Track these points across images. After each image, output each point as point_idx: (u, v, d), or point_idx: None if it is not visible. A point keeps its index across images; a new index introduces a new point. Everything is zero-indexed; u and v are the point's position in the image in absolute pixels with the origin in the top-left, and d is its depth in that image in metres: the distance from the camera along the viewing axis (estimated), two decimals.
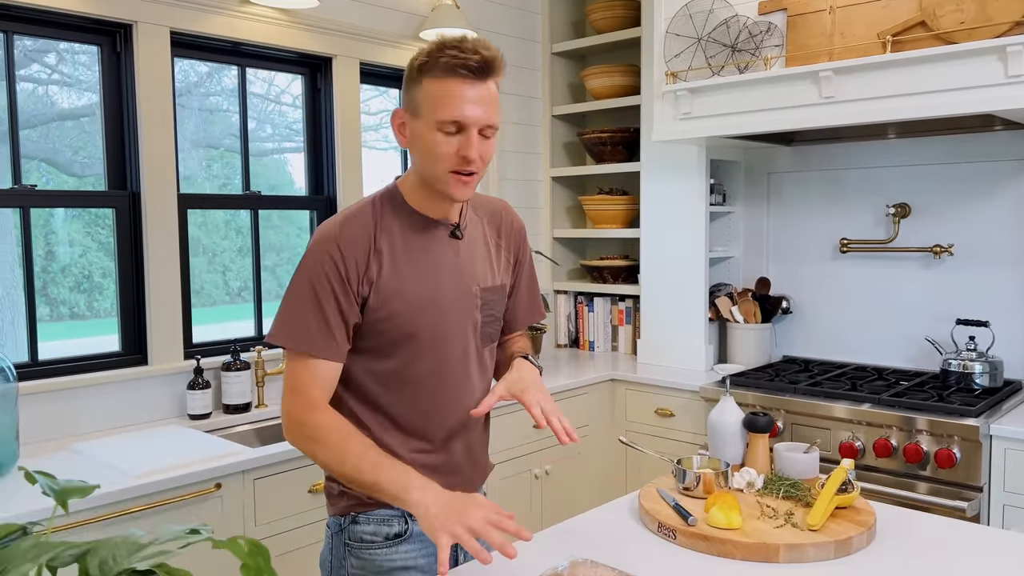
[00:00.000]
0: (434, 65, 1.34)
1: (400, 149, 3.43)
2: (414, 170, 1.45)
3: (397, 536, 1.48)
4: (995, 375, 2.71)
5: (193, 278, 2.82)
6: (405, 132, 1.42)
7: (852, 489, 1.56)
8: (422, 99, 1.36)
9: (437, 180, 1.39)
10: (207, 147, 2.91)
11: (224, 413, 2.64)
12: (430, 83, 1.35)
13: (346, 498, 1.49)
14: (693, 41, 2.87)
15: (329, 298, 1.38)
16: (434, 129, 1.35)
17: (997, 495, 2.38)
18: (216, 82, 2.90)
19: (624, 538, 1.54)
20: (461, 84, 1.33)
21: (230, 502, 2.13)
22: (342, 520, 1.50)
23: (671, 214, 3.36)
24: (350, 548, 1.49)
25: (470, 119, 1.34)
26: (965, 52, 2.28)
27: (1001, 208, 2.86)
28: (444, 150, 1.36)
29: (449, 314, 1.48)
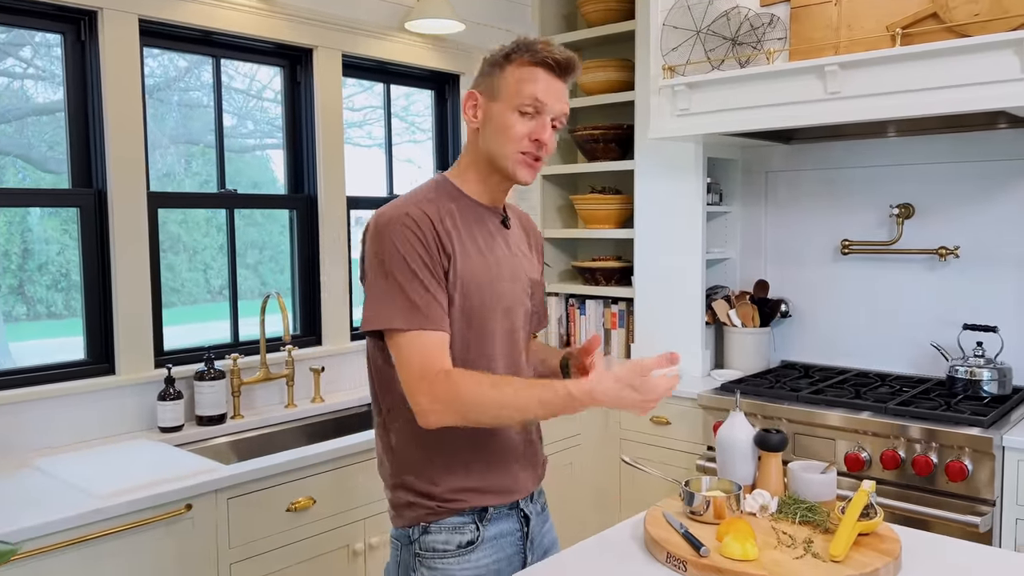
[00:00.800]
0: (522, 54, 1.46)
1: (385, 147, 3.28)
2: (471, 156, 1.53)
3: (469, 544, 1.49)
4: (1004, 382, 2.61)
5: (173, 277, 2.70)
6: (477, 113, 1.50)
7: (875, 514, 1.45)
8: (504, 83, 1.47)
9: (504, 159, 1.48)
10: (187, 143, 2.77)
11: (197, 425, 2.49)
12: (515, 69, 1.46)
13: (416, 508, 1.49)
14: (692, 34, 2.74)
15: (424, 270, 1.40)
16: (513, 110, 1.45)
17: (1010, 509, 2.28)
18: (195, 77, 2.77)
19: (629, 570, 1.41)
20: (545, 74, 1.46)
21: (202, 524, 1.98)
22: (411, 531, 1.50)
23: (666, 214, 3.24)
24: (421, 558, 1.48)
25: (548, 104, 1.46)
26: (979, 46, 2.17)
27: (1009, 208, 2.75)
28: (519, 131, 1.45)
29: (508, 297, 1.53)
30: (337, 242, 2.96)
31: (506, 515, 1.54)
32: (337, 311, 2.97)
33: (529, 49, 1.46)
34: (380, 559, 2.38)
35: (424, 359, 1.37)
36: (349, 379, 3.00)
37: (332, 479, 2.26)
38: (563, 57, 1.47)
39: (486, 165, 1.51)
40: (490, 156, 1.49)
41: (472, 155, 1.53)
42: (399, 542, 1.53)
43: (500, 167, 1.49)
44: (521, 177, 1.49)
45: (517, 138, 1.46)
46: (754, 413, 2.69)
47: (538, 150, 1.47)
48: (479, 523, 1.50)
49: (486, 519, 1.51)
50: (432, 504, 1.47)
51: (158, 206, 2.55)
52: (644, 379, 1.33)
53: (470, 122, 1.51)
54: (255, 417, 2.61)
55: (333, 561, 2.27)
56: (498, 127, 1.47)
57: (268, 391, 2.75)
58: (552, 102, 1.46)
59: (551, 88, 1.46)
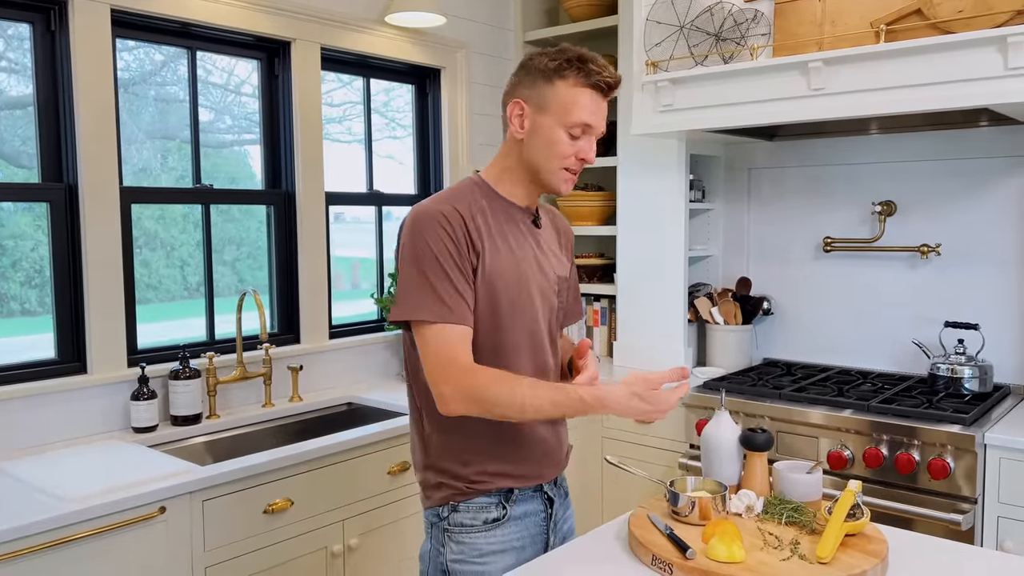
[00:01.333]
0: (573, 73, 1.49)
1: (365, 143, 3.23)
2: (511, 160, 1.56)
3: (496, 520, 1.55)
4: (985, 380, 2.61)
5: (150, 273, 2.66)
6: (524, 123, 1.53)
7: (862, 515, 1.43)
8: (555, 99, 1.50)
9: (548, 173, 1.53)
10: (163, 138, 2.71)
11: (172, 425, 2.44)
12: (568, 88, 1.49)
13: (444, 488, 1.55)
14: (675, 29, 2.72)
15: (452, 266, 1.45)
16: (562, 128, 1.50)
17: (991, 507, 2.28)
18: (171, 71, 2.71)
19: (615, 573, 1.39)
20: (596, 96, 1.51)
21: (176, 526, 1.93)
22: (440, 510, 1.56)
23: (649, 211, 3.22)
24: (449, 534, 1.55)
25: (595, 127, 1.52)
26: (963, 42, 2.16)
27: (990, 206, 2.76)
28: (566, 149, 1.51)
29: (536, 295, 1.57)
30: (316, 238, 2.91)
31: (531, 496, 1.61)
32: (316, 309, 2.92)
33: (582, 68, 1.49)
34: (361, 560, 2.34)
35: (447, 350, 1.43)
36: (328, 378, 2.95)
37: (310, 480, 2.22)
38: (614, 80, 1.52)
39: (525, 173, 1.56)
40: (533, 167, 1.54)
41: (511, 161, 1.57)
42: (430, 522, 1.60)
43: (542, 179, 1.55)
44: (564, 191, 1.56)
45: (564, 155, 1.51)
46: (736, 411, 2.67)
47: (581, 166, 1.54)
48: (505, 503, 1.56)
49: (512, 499, 1.57)
50: (460, 485, 1.54)
51: (131, 201, 2.49)
52: (653, 392, 1.43)
53: (516, 132, 1.53)
54: (231, 417, 2.56)
55: (311, 564, 2.22)
56: (546, 142, 1.51)
57: (245, 390, 2.70)
58: (599, 122, 1.53)
59: (599, 110, 1.52)
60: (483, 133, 3.54)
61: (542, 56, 1.53)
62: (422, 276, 1.44)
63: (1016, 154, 2.70)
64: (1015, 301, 2.72)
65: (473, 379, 1.41)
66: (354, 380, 3.02)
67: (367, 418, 2.70)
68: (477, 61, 3.50)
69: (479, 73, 3.52)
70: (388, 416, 2.64)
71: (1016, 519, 2.25)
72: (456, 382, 1.41)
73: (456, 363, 1.42)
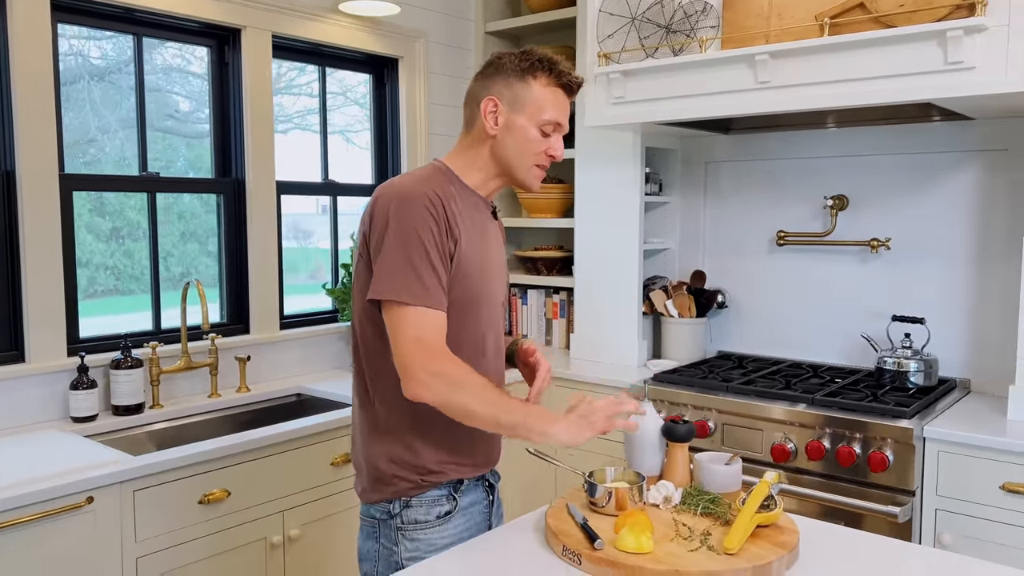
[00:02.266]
0: (548, 74, 1.56)
1: (320, 132, 3.21)
2: (481, 157, 1.59)
3: (447, 514, 1.56)
4: (930, 373, 2.63)
5: (133, 264, 2.70)
6: (498, 120, 1.56)
7: (775, 506, 1.43)
8: (529, 99, 1.55)
9: (521, 169, 1.58)
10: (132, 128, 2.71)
11: (113, 415, 2.41)
12: (541, 88, 1.56)
13: (399, 482, 1.54)
14: (627, 21, 2.71)
15: (435, 251, 1.45)
16: (535, 127, 1.56)
17: (930, 499, 2.30)
18: (147, 60, 2.71)
19: (525, 562, 1.38)
20: (565, 96, 1.59)
21: (105, 517, 1.92)
22: (392, 505, 1.55)
23: (605, 204, 3.22)
24: (403, 531, 1.54)
25: (565, 124, 1.59)
26: (904, 36, 2.17)
27: (939, 201, 2.77)
28: (539, 146, 1.57)
29: (496, 285, 1.62)
30: (266, 228, 2.89)
31: (475, 486, 1.63)
32: (266, 299, 2.90)
33: (553, 69, 1.56)
34: (300, 551, 2.33)
35: (424, 333, 1.43)
36: (279, 368, 2.93)
37: (248, 470, 2.20)
38: (580, 81, 1.61)
39: (496, 168, 1.60)
40: (506, 163, 1.58)
41: (480, 156, 1.59)
42: (376, 518, 1.57)
43: (514, 175, 1.59)
44: (535, 187, 1.62)
45: (536, 152, 1.57)
46: (684, 403, 2.68)
47: (550, 162, 1.60)
48: (454, 494, 1.57)
49: (460, 490, 1.58)
50: (416, 477, 1.53)
51: (72, 188, 2.46)
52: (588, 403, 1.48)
53: (490, 128, 1.56)
54: (175, 407, 2.54)
55: (249, 554, 2.21)
56: (520, 140, 1.56)
57: (192, 381, 2.67)
58: (566, 121, 1.60)
59: (567, 108, 1.60)
60: (442, 123, 3.52)
61: (512, 56, 1.58)
62: (406, 258, 1.44)
63: (965, 149, 2.71)
64: (963, 295, 2.74)
65: (450, 367, 1.42)
66: (305, 371, 3.01)
67: (316, 408, 2.69)
68: (436, 51, 3.48)
69: (438, 63, 3.50)
70: (338, 407, 2.62)
71: (953, 512, 2.26)
72: (434, 367, 1.41)
73: (432, 347, 1.43)
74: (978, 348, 2.72)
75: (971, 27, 2.05)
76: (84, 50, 2.57)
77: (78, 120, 2.56)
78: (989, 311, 2.69)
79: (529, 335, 3.68)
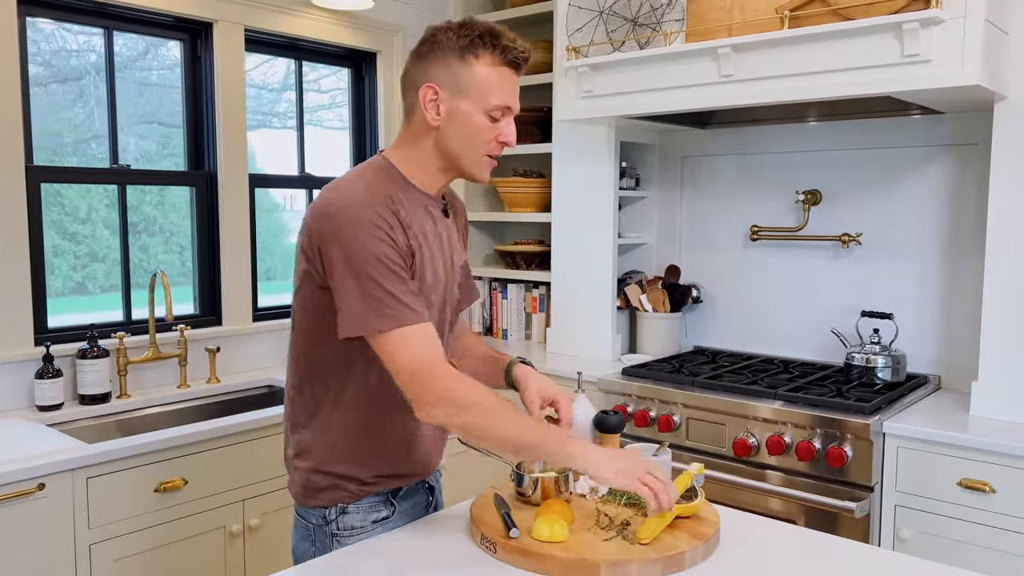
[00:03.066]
0: (488, 52, 1.39)
1: (296, 126, 3.23)
2: (425, 150, 1.45)
3: (384, 519, 1.51)
4: (897, 369, 2.61)
5: (148, 260, 2.76)
6: (440, 109, 1.41)
7: (696, 497, 1.43)
8: (472, 82, 1.39)
9: (470, 161, 1.44)
10: (148, 123, 2.80)
11: (80, 404, 2.45)
12: (486, 68, 1.39)
13: (338, 490, 1.48)
14: (595, 14, 2.71)
15: (398, 263, 1.35)
16: (482, 112, 1.40)
17: (889, 495, 2.28)
18: (154, 57, 2.77)
19: (445, 551, 1.39)
20: (512, 74, 1.42)
21: (57, 504, 1.94)
22: (327, 511, 1.49)
23: (581, 198, 3.21)
24: (338, 538, 1.49)
25: (516, 106, 1.44)
26: (861, 29, 2.15)
27: (909, 196, 2.75)
28: (488, 134, 1.42)
29: (443, 290, 1.51)
30: (238, 220, 2.91)
31: (415, 489, 1.59)
32: (238, 291, 2.93)
33: (496, 45, 1.39)
34: (261, 540, 2.35)
35: (415, 354, 1.32)
36: (251, 360, 2.96)
37: (207, 460, 2.22)
38: (527, 55, 1.44)
39: (442, 161, 1.45)
40: (452, 155, 1.43)
41: (424, 149, 1.45)
42: (310, 523, 1.51)
43: (462, 167, 1.45)
44: (485, 178, 1.48)
45: (487, 141, 1.42)
46: (651, 397, 2.68)
47: (501, 150, 1.45)
48: (393, 500, 1.53)
49: (399, 495, 1.55)
50: (354, 488, 1.48)
51: (40, 180, 2.49)
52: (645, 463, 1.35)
53: (432, 119, 1.41)
54: (142, 397, 2.57)
55: (208, 542, 2.24)
56: (466, 128, 1.41)
57: (161, 371, 2.70)
58: (516, 103, 1.44)
59: (516, 87, 1.44)
60: None
61: (449, 32, 1.40)
62: (368, 282, 1.32)
63: (937, 144, 2.69)
64: (933, 290, 2.71)
65: (455, 385, 1.32)
66: (277, 362, 3.03)
67: None
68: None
69: None
70: None
71: (912, 508, 2.25)
72: (438, 390, 1.31)
73: (428, 369, 1.31)
74: (948, 344, 2.70)
75: (927, 19, 2.03)
76: (95, 46, 2.64)
77: (83, 114, 2.63)
78: (959, 306, 2.67)
79: (509, 329, 3.69)
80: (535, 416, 1.51)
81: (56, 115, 2.58)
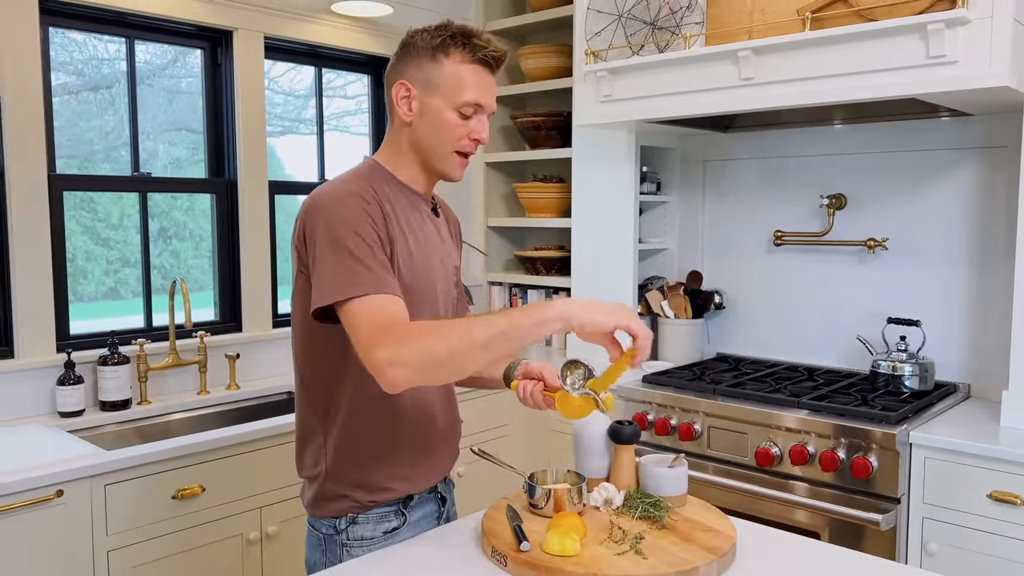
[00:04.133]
0: (458, 50, 1.42)
1: (316, 132, 3.24)
2: (404, 145, 1.49)
3: (395, 530, 1.51)
4: (925, 377, 2.55)
5: (179, 264, 2.82)
6: (412, 106, 1.45)
7: None
8: (442, 79, 1.42)
9: (440, 157, 1.47)
10: (187, 131, 2.85)
11: (101, 411, 2.47)
12: (456, 66, 1.42)
13: (346, 500, 1.48)
14: (614, 18, 2.68)
15: (376, 243, 1.35)
16: (452, 109, 1.43)
17: (917, 506, 2.23)
18: (183, 65, 2.81)
19: (456, 564, 1.37)
20: (483, 72, 1.45)
21: (75, 510, 1.95)
22: (338, 522, 1.50)
23: (601, 203, 3.19)
24: (348, 548, 1.49)
25: (488, 105, 1.46)
26: (885, 30, 2.10)
27: (937, 200, 2.69)
28: (458, 131, 1.44)
29: (438, 286, 1.53)
30: (259, 227, 2.93)
31: (427, 499, 1.58)
32: (259, 298, 2.94)
33: (467, 44, 1.42)
34: (278, 547, 2.35)
35: (379, 317, 1.28)
36: (271, 366, 2.97)
37: (225, 467, 2.23)
38: (500, 54, 1.46)
39: (417, 157, 1.49)
40: (424, 151, 1.47)
41: (402, 146, 1.49)
42: (321, 532, 1.51)
43: (433, 164, 1.48)
44: (457, 176, 1.50)
45: (457, 138, 1.45)
46: (672, 405, 2.64)
47: (474, 148, 1.47)
48: (404, 510, 1.53)
49: (410, 506, 1.54)
50: (363, 498, 1.48)
51: (63, 189, 2.52)
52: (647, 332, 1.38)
53: (404, 114, 1.45)
54: (163, 403, 2.58)
55: (225, 549, 2.24)
56: (436, 125, 1.44)
57: (181, 378, 2.72)
58: (488, 99, 1.46)
59: (488, 86, 1.46)
60: None
61: (424, 33, 1.45)
62: (343, 254, 1.31)
63: (964, 146, 2.63)
64: (962, 297, 2.65)
65: (407, 329, 1.27)
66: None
67: None
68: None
69: None
70: None
71: (941, 520, 2.19)
72: (389, 341, 1.24)
73: (395, 324, 1.27)
74: (978, 351, 2.63)
75: (952, 20, 1.98)
76: (125, 55, 2.67)
77: (114, 122, 2.67)
78: (989, 313, 2.60)
79: None
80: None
81: (87, 123, 2.61)
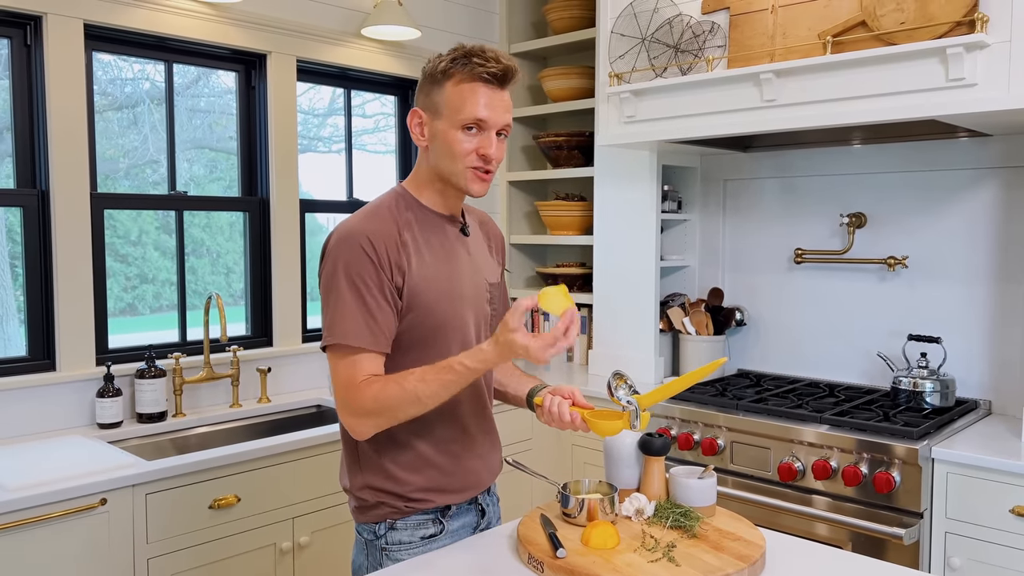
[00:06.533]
0: (458, 70, 1.46)
1: (345, 152, 3.32)
2: (424, 169, 1.56)
3: (433, 536, 1.56)
4: (946, 394, 2.57)
5: (196, 281, 2.89)
6: (424, 131, 1.52)
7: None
8: (444, 101, 1.48)
9: (455, 176, 1.50)
10: (199, 148, 2.92)
11: (138, 422, 2.53)
12: (454, 86, 1.47)
13: (384, 507, 1.54)
14: (637, 41, 2.75)
15: (370, 289, 1.43)
16: (456, 128, 1.47)
17: (939, 521, 2.25)
18: (204, 84, 2.89)
19: (493, 568, 1.42)
20: (486, 88, 1.47)
21: (117, 518, 2.02)
22: (377, 527, 1.56)
23: (623, 221, 3.24)
24: (387, 552, 1.55)
25: (490, 120, 1.47)
26: (905, 54, 2.16)
27: (957, 219, 2.73)
28: (465, 147, 1.48)
29: (468, 306, 1.57)
30: (290, 244, 3.00)
31: (466, 510, 1.62)
32: (289, 313, 3.01)
33: (467, 64, 1.46)
34: (310, 558, 2.40)
35: (349, 378, 1.44)
36: (300, 380, 3.03)
37: (259, 477, 2.29)
38: (499, 69, 1.46)
39: (437, 179, 1.55)
40: (441, 172, 1.52)
41: (424, 170, 1.56)
42: (364, 537, 1.60)
43: (451, 182, 1.53)
44: (475, 191, 1.52)
45: (464, 155, 1.48)
46: (695, 421, 2.68)
47: (487, 163, 1.50)
48: (442, 518, 1.57)
49: (448, 515, 1.58)
50: (400, 504, 1.54)
51: (104, 207, 2.60)
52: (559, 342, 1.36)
53: (417, 140, 1.53)
54: (197, 416, 2.65)
55: (259, 559, 2.29)
56: (445, 146, 1.49)
57: (215, 391, 2.78)
58: (493, 115, 1.47)
59: (492, 102, 1.47)
60: None
61: (436, 60, 1.51)
62: (338, 299, 1.44)
63: (984, 166, 2.67)
64: (983, 314, 2.68)
65: (364, 393, 1.42)
66: (326, 383, 3.09)
67: (334, 420, 2.77)
68: None
69: None
70: None
71: (964, 535, 2.21)
72: (353, 404, 1.43)
73: (351, 386, 1.43)
74: (999, 369, 2.66)
75: (972, 44, 2.03)
76: (149, 75, 2.77)
77: (137, 141, 2.76)
78: (1010, 331, 2.63)
79: None
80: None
81: (111, 141, 2.70)
